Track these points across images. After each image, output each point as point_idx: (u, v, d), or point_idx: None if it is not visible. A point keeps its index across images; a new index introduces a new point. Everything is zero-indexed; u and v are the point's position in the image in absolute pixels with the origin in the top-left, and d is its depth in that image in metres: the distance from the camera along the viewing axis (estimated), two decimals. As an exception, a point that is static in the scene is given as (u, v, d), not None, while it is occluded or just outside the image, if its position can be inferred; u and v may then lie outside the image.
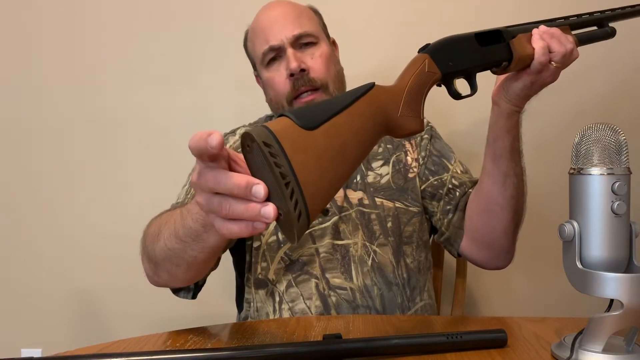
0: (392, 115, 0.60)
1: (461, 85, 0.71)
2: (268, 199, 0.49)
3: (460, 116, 1.36)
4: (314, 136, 0.50)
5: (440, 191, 0.99)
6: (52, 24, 1.42)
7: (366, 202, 0.97)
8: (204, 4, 1.40)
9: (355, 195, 0.98)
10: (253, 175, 0.50)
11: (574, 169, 0.62)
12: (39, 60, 1.42)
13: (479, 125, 1.33)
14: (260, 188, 0.48)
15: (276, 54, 0.97)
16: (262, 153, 0.47)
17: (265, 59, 0.99)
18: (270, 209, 0.48)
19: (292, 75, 0.95)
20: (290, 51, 0.95)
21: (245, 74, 1.08)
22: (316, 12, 1.05)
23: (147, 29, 1.41)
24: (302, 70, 0.94)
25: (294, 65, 0.94)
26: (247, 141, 0.50)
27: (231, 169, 0.52)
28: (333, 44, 1.07)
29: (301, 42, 0.97)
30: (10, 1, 1.41)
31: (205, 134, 0.49)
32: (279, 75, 0.97)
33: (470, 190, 0.97)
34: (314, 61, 0.96)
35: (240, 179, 0.49)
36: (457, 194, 0.97)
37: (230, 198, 0.50)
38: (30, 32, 1.42)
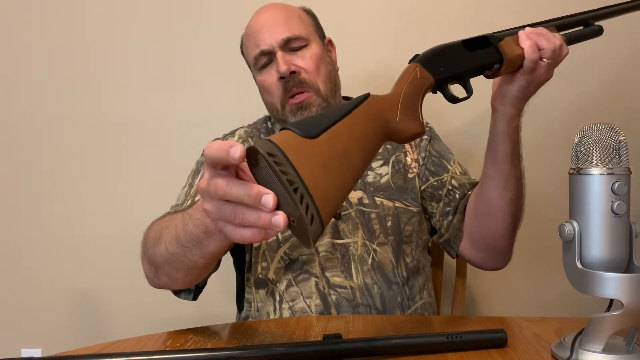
0: (391, 120, 0.61)
1: (456, 89, 0.71)
2: (278, 208, 0.49)
3: (455, 116, 1.36)
4: (317, 144, 0.51)
5: (440, 192, 0.99)
6: (53, 24, 1.42)
7: (366, 201, 0.98)
8: (204, 4, 1.40)
9: (354, 195, 0.98)
10: None
11: (573, 169, 0.62)
12: (39, 60, 1.42)
13: (474, 124, 1.33)
14: (269, 198, 0.48)
15: (268, 58, 0.98)
16: (268, 163, 0.48)
17: (257, 63, 1.00)
18: (280, 218, 0.48)
19: (282, 78, 0.96)
20: (279, 54, 0.96)
21: (245, 75, 1.08)
22: (309, 13, 1.05)
23: (148, 30, 1.41)
24: (293, 72, 0.95)
25: (283, 68, 0.94)
26: (252, 154, 0.50)
27: (237, 177, 0.52)
28: (329, 43, 1.08)
29: (291, 45, 0.97)
30: (10, 1, 1.42)
31: (227, 145, 0.49)
32: (270, 79, 0.98)
33: (469, 192, 0.97)
34: (304, 62, 0.97)
35: (252, 187, 0.49)
36: (457, 195, 0.98)
37: (242, 206, 0.50)
38: (31, 33, 1.42)
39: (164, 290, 0.87)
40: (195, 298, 0.90)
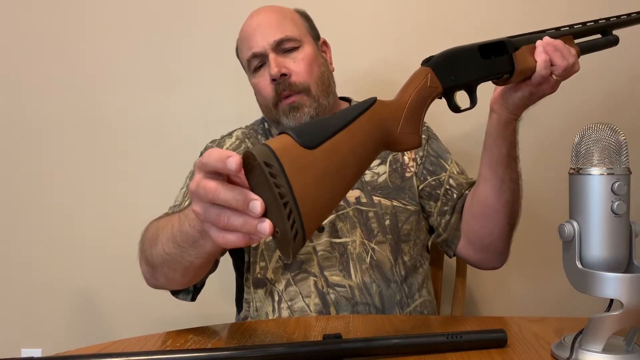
0: (391, 131, 0.61)
1: (460, 96, 0.71)
2: (265, 215, 0.49)
3: (456, 118, 1.36)
4: (314, 155, 0.51)
5: (438, 191, 0.99)
6: (52, 24, 1.41)
7: (364, 200, 0.98)
8: (203, 4, 1.40)
9: (352, 194, 0.98)
10: (252, 191, 0.50)
11: (573, 169, 0.62)
12: (39, 60, 1.42)
13: (474, 127, 1.33)
14: (257, 204, 0.49)
15: (260, 60, 0.98)
16: (263, 172, 0.48)
17: (250, 65, 1.00)
18: (266, 226, 0.49)
19: (274, 80, 0.96)
20: (271, 56, 0.96)
21: (244, 76, 1.08)
22: (302, 15, 1.05)
23: (147, 29, 1.41)
24: (284, 74, 0.95)
25: (274, 71, 0.95)
26: (248, 159, 0.50)
27: (229, 181, 0.52)
28: (324, 44, 1.07)
29: (283, 47, 0.97)
30: (10, 1, 1.41)
31: (225, 155, 0.49)
32: (263, 81, 0.98)
33: (466, 192, 0.98)
34: (296, 64, 0.97)
35: (240, 192, 0.49)
36: (454, 195, 0.98)
37: (228, 210, 0.51)
38: (30, 33, 1.42)
39: (164, 290, 0.87)
40: (193, 299, 0.90)
